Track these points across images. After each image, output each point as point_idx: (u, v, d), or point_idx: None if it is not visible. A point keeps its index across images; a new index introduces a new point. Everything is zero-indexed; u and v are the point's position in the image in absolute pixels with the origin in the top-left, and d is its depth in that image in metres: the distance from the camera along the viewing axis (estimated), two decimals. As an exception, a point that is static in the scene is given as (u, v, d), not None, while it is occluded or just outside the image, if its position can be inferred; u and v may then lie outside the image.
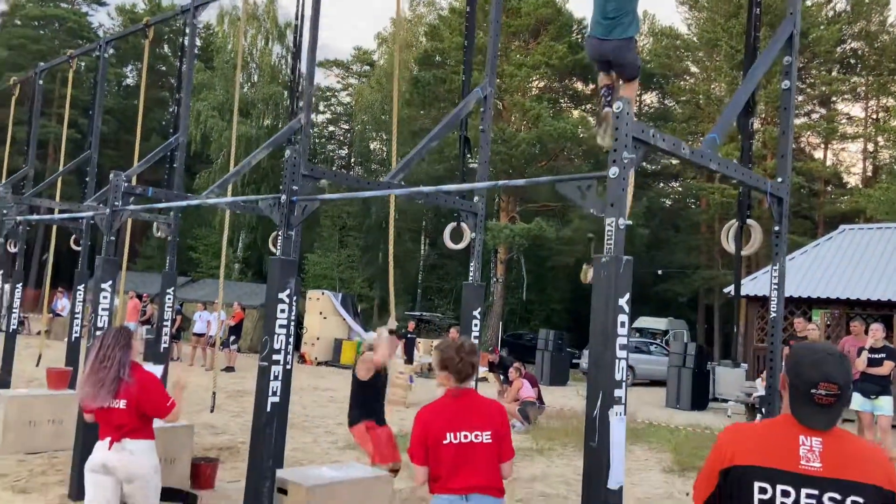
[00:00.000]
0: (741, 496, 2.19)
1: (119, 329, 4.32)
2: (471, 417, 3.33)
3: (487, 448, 3.30)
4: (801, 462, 2.14)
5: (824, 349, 2.25)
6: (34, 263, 37.06)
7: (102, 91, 10.62)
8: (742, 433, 2.30)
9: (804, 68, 35.21)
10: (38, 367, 12.24)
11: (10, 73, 24.05)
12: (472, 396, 3.43)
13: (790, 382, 2.25)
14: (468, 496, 3.25)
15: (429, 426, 3.33)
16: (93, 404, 4.11)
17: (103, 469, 4.10)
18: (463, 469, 3.25)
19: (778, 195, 4.51)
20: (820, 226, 35.01)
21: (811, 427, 2.18)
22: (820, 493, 2.10)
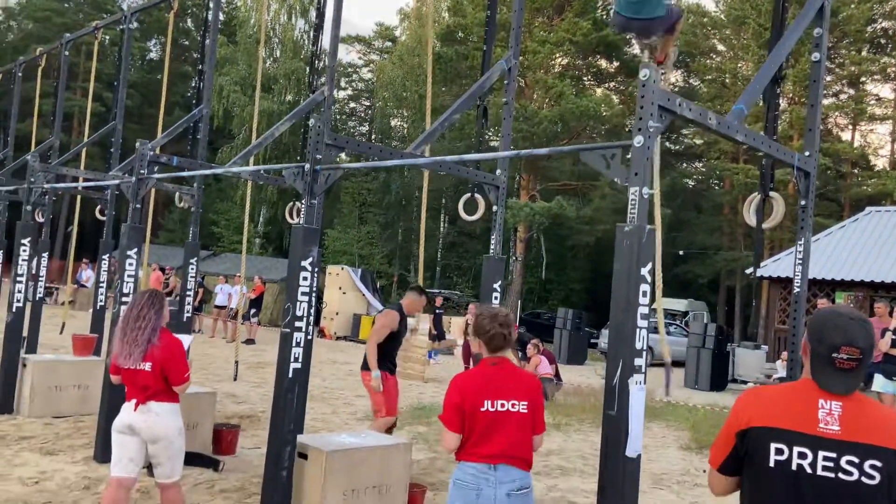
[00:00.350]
0: (757, 457, 2.18)
1: (153, 293, 4.44)
2: (509, 386, 3.28)
3: (523, 418, 3.25)
4: (819, 425, 2.13)
5: (847, 313, 2.23)
6: (59, 235, 37.56)
7: (127, 63, 10.68)
8: (761, 396, 2.29)
9: (833, 47, 34.54)
10: (62, 335, 12.46)
11: (36, 46, 24.24)
12: (509, 366, 3.37)
13: (811, 347, 2.23)
14: (496, 466, 3.18)
15: (467, 392, 3.27)
16: (124, 363, 4.21)
17: (129, 430, 4.22)
18: (495, 436, 3.21)
19: (805, 169, 4.46)
20: (846, 208, 34.53)
21: (831, 391, 2.16)
22: (838, 456, 2.09)
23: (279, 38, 38.78)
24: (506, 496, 3.15)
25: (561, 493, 6.60)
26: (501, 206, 6.01)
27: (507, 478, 3.18)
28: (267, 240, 37.61)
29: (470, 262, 36.16)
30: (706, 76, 38.63)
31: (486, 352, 3.40)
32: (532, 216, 28.69)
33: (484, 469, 3.18)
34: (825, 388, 2.17)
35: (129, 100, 20.94)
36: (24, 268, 8.17)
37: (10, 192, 11.53)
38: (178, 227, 38.46)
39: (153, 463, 4.30)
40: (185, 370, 4.30)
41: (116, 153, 10.61)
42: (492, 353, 3.37)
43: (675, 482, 7.43)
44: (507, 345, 3.40)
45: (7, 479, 5.55)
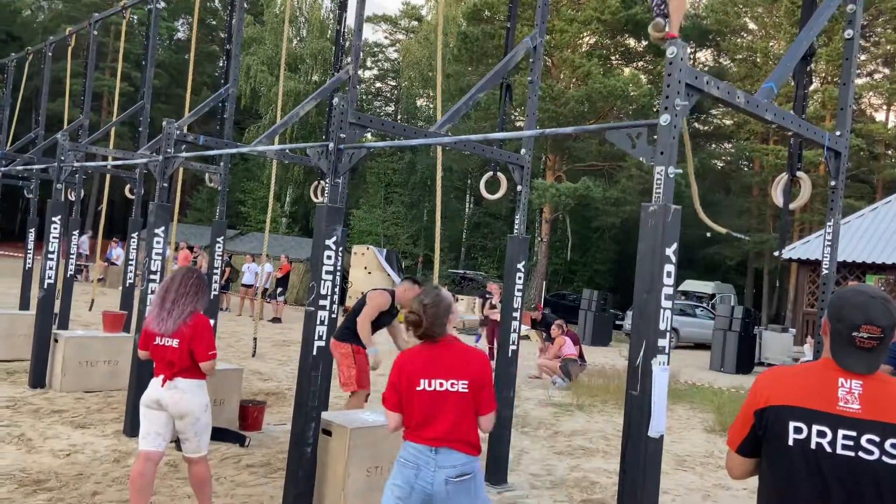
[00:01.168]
0: (776, 436, 2.15)
1: (200, 276, 4.52)
2: (447, 364, 3.11)
3: (462, 398, 3.07)
4: (839, 403, 2.09)
5: (868, 292, 2.19)
6: (90, 213, 38.11)
7: (154, 42, 10.75)
8: (779, 375, 2.25)
9: (868, 25, 33.72)
10: (91, 312, 12.70)
11: (65, 25, 24.47)
12: (451, 344, 3.19)
13: (832, 326, 2.20)
14: (437, 448, 3.03)
15: (403, 371, 3.14)
16: (156, 328, 4.31)
17: (157, 404, 4.30)
18: (436, 418, 3.05)
19: (836, 149, 4.38)
20: (879, 190, 33.87)
21: (852, 371, 2.13)
22: (858, 435, 2.06)
23: (306, 17, 38.78)
24: (443, 482, 3.00)
25: (583, 472, 6.62)
26: (526, 186, 5.99)
27: (447, 462, 3.03)
28: (293, 219, 37.86)
29: (495, 242, 36.12)
30: (737, 55, 37.95)
31: (414, 337, 3.25)
32: (558, 197, 28.51)
33: (425, 451, 3.04)
34: (846, 367, 2.13)
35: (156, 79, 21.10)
36: (55, 245, 8.31)
37: (42, 171, 11.71)
38: (207, 206, 38.83)
39: (181, 438, 4.39)
40: (211, 347, 4.37)
41: (145, 132, 10.72)
42: (420, 340, 3.22)
43: (698, 464, 7.41)
44: (429, 332, 3.18)
45: (40, 451, 5.69)
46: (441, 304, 3.21)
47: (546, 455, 7.16)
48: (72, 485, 5.02)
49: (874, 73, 36.52)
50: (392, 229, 35.38)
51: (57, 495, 4.82)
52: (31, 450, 5.71)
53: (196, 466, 4.39)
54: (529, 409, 9.47)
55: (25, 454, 5.60)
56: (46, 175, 11.93)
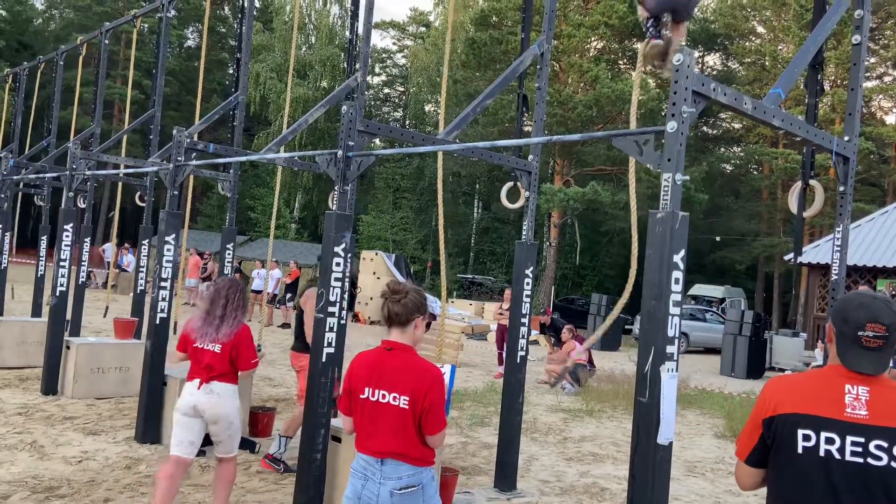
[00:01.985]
0: (784, 444, 2.16)
1: (243, 286, 4.68)
2: (393, 376, 2.92)
3: (403, 414, 2.88)
4: (846, 410, 2.10)
5: (870, 294, 2.22)
6: (101, 221, 38.34)
7: (165, 50, 10.83)
8: (787, 383, 2.27)
9: (877, 28, 33.59)
10: (104, 319, 12.78)
11: (76, 35, 24.66)
12: (405, 355, 2.97)
13: (837, 328, 2.21)
14: (384, 460, 2.90)
15: (352, 375, 3.01)
16: (198, 342, 4.44)
17: (193, 411, 4.40)
18: (378, 429, 2.92)
19: (844, 154, 4.37)
20: (889, 194, 33.69)
21: (860, 371, 2.14)
22: (866, 441, 2.07)
23: (314, 24, 38.95)
24: (388, 494, 2.87)
25: (593, 478, 6.61)
26: (534, 192, 6.00)
27: (393, 474, 2.89)
28: (302, 225, 37.98)
29: (504, 247, 36.14)
30: (745, 59, 37.89)
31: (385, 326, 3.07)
32: (566, 201, 28.47)
33: (372, 462, 2.92)
34: (854, 368, 2.14)
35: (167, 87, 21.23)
36: (66, 253, 8.37)
37: (53, 179, 11.80)
38: (217, 212, 39.01)
39: (214, 441, 4.50)
40: (253, 356, 4.53)
41: (155, 140, 10.80)
42: (388, 328, 3.04)
43: (708, 470, 7.39)
44: (395, 321, 2.99)
45: (52, 458, 5.73)
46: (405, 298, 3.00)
47: (555, 461, 7.16)
48: (84, 491, 5.05)
49: (884, 75, 36.38)
50: (401, 234, 35.44)
51: (69, 502, 4.85)
52: (43, 456, 5.75)
53: (227, 465, 4.53)
54: (539, 414, 9.46)
55: (38, 461, 5.64)
56: (58, 183, 12.02)
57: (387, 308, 3.01)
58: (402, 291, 3.02)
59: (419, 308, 3.02)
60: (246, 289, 4.77)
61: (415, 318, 3.01)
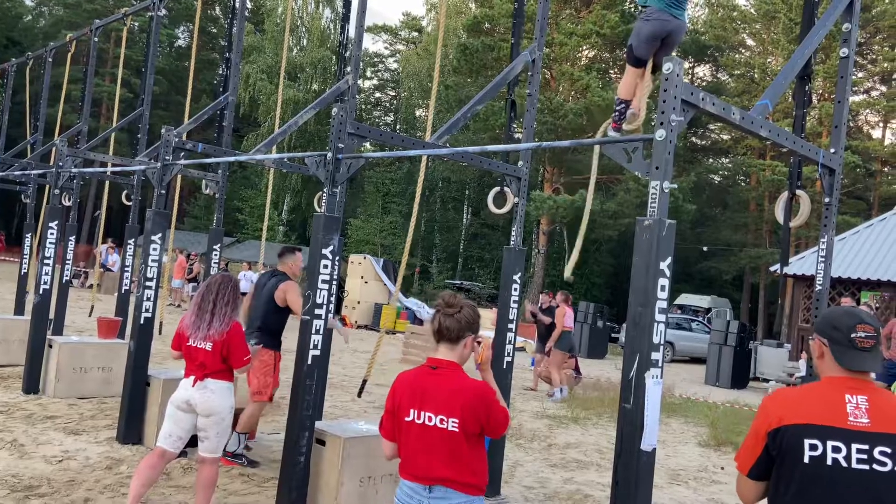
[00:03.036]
0: (791, 455, 2.20)
1: (236, 282, 4.63)
2: (438, 396, 2.74)
3: (453, 437, 2.70)
4: (849, 418, 2.17)
5: (850, 305, 2.40)
6: (86, 219, 38.09)
7: (155, 49, 10.79)
8: (789, 396, 2.33)
9: (865, 43, 33.96)
10: (88, 318, 12.68)
11: (66, 32, 24.53)
12: (452, 374, 2.79)
13: (829, 337, 2.30)
14: (431, 487, 2.73)
15: (396, 396, 2.85)
16: (193, 339, 4.44)
17: (187, 405, 4.41)
18: (425, 454, 2.74)
19: (830, 166, 4.41)
20: (875, 207, 34.00)
21: (864, 369, 2.24)
22: (871, 448, 2.13)
23: (306, 26, 38.93)
24: None
25: (577, 485, 6.61)
26: (523, 198, 6.02)
27: (443, 502, 2.73)
28: (290, 227, 37.89)
29: (492, 253, 36.18)
30: (735, 71, 38.19)
31: (433, 343, 2.91)
32: (555, 209, 28.58)
33: (419, 489, 2.75)
34: (857, 368, 2.24)
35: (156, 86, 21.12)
36: (51, 251, 8.31)
37: (39, 176, 11.72)
38: (204, 213, 38.87)
39: (200, 437, 4.47)
40: (245, 353, 4.52)
41: (143, 139, 10.74)
42: (437, 344, 2.87)
43: (692, 478, 7.41)
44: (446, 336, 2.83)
45: (32, 458, 5.67)
46: (459, 313, 2.84)
47: (540, 467, 7.16)
48: (63, 491, 5.00)
49: (871, 90, 36.77)
50: (389, 239, 35.43)
51: (48, 501, 4.80)
52: (23, 455, 5.69)
53: (209, 467, 4.48)
54: (524, 420, 9.46)
55: (17, 460, 5.58)
56: (44, 180, 11.94)
57: (438, 321, 2.82)
58: (457, 305, 2.84)
59: (472, 325, 2.85)
60: (239, 283, 4.74)
61: (466, 335, 2.84)
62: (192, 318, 4.47)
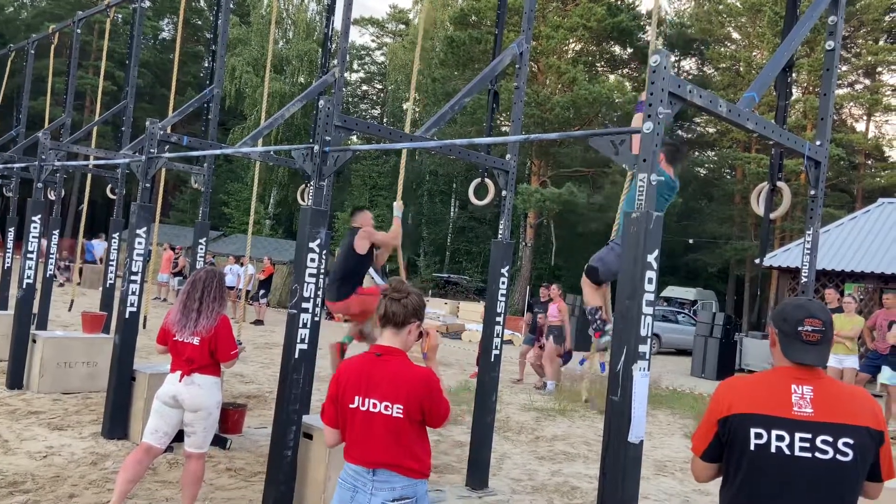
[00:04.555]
0: (738, 442, 2.31)
1: (222, 277, 4.59)
2: (383, 383, 2.78)
3: (396, 423, 2.74)
4: (793, 408, 2.27)
5: (805, 297, 2.48)
6: (70, 213, 37.75)
7: (139, 42, 10.68)
8: (738, 385, 2.44)
9: (850, 37, 34.15)
10: (71, 313, 12.57)
11: (48, 24, 24.24)
12: (397, 360, 2.83)
13: (778, 329, 2.40)
14: (375, 470, 2.77)
15: (340, 383, 2.86)
16: (179, 335, 4.41)
17: (173, 401, 4.38)
18: (370, 440, 2.78)
19: (816, 158, 4.42)
20: (858, 200, 34.28)
21: (805, 363, 2.32)
22: (813, 437, 2.23)
23: (292, 19, 38.70)
24: None
25: (564, 477, 6.63)
26: (510, 192, 6.01)
27: (386, 485, 2.76)
28: (277, 221, 37.74)
29: (480, 247, 36.20)
30: (720, 64, 38.31)
31: (378, 328, 2.93)
32: (542, 202, 28.62)
33: (363, 472, 2.79)
34: (799, 360, 2.33)
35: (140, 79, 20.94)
36: (34, 245, 8.22)
37: (22, 170, 11.59)
38: (189, 207, 38.62)
39: (187, 432, 4.44)
40: (232, 347, 4.49)
41: (128, 132, 10.63)
42: (382, 329, 2.90)
43: (678, 469, 7.45)
44: (392, 320, 2.86)
45: (16, 453, 5.62)
46: (406, 299, 2.88)
47: (527, 460, 7.18)
48: (48, 487, 4.96)
49: (855, 83, 37.01)
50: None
51: (33, 497, 4.76)
52: (7, 451, 5.64)
53: (195, 462, 4.45)
54: (511, 413, 9.49)
55: (1, 456, 5.52)
56: (27, 174, 11.80)
57: (384, 306, 2.88)
58: (405, 291, 2.89)
59: (417, 312, 2.90)
60: (224, 277, 4.71)
61: (411, 321, 2.88)
62: (178, 315, 4.43)
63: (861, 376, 10.55)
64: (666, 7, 43.20)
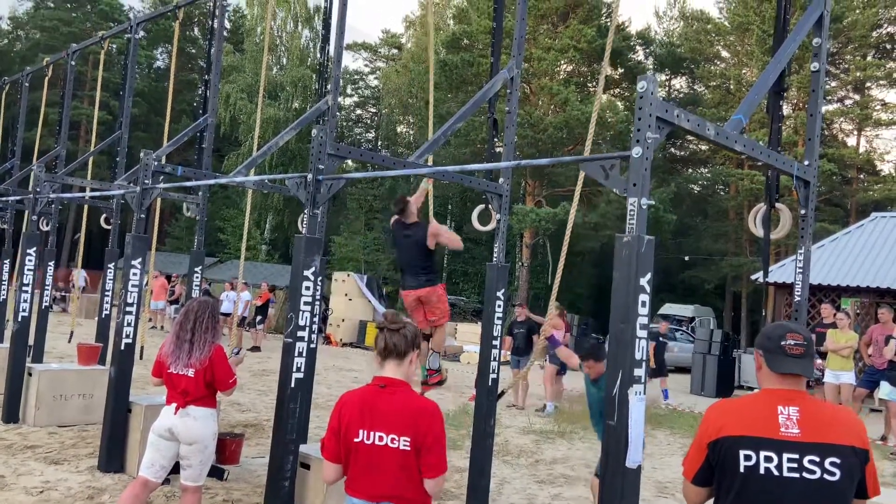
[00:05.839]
0: (728, 464, 2.36)
1: (214, 307, 4.57)
2: (389, 416, 2.75)
3: (404, 456, 2.72)
4: (780, 429, 2.32)
5: (785, 321, 2.64)
6: (66, 243, 37.70)
7: (133, 72, 10.75)
8: (727, 408, 2.49)
9: (838, 53, 34.48)
10: (70, 344, 12.53)
11: (43, 55, 24.39)
12: (401, 391, 2.81)
13: (763, 349, 2.48)
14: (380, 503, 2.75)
15: (343, 417, 2.82)
16: (173, 368, 4.39)
17: (169, 433, 4.36)
18: (375, 474, 2.74)
19: (805, 178, 4.46)
20: (852, 214, 34.40)
21: (791, 372, 2.39)
22: (800, 457, 2.28)
23: (286, 45, 38.97)
24: None
25: (565, 501, 6.59)
26: (505, 215, 6.03)
27: None
28: (273, 247, 37.70)
29: (476, 267, 36.19)
30: (710, 82, 38.63)
31: (376, 364, 2.92)
32: (538, 222, 28.68)
33: None
34: (785, 370, 2.40)
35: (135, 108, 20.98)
36: (29, 277, 8.21)
37: (18, 202, 11.61)
38: (185, 234, 38.59)
39: (183, 465, 4.41)
40: (230, 375, 4.48)
41: (122, 162, 10.68)
42: (382, 362, 2.89)
43: (679, 490, 7.41)
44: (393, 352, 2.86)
45: (12, 489, 5.57)
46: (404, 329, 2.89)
47: (527, 484, 7.14)
48: (44, 523, 4.92)
49: (845, 98, 37.29)
50: (373, 255, 35.34)
51: (29, 534, 4.72)
52: (3, 487, 5.59)
53: (192, 495, 4.43)
54: (510, 436, 9.44)
55: (-3, 492, 5.49)
56: (22, 206, 11.83)
57: (384, 339, 2.86)
58: (401, 322, 2.90)
59: (415, 342, 2.90)
60: (218, 307, 4.69)
61: (412, 351, 2.88)
62: (171, 347, 4.43)
63: (858, 392, 10.54)
64: (655, 27, 43.69)
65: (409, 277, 6.12)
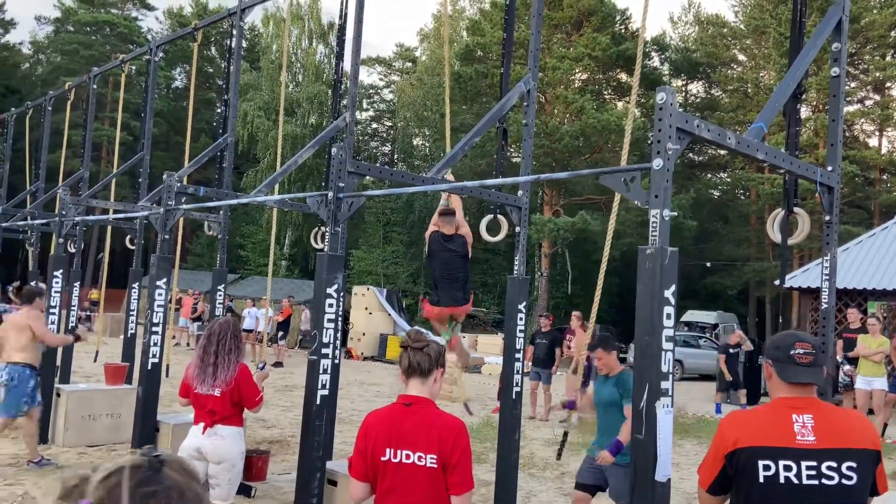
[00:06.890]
0: (747, 475, 2.37)
1: (237, 328, 4.62)
2: (415, 434, 2.74)
3: (431, 474, 2.70)
4: (797, 438, 2.35)
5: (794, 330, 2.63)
6: (90, 263, 38.18)
7: (153, 94, 10.90)
8: (742, 418, 2.54)
9: (856, 54, 34.18)
10: (96, 364, 12.66)
11: (64, 78, 24.79)
12: (427, 409, 2.81)
13: (773, 358, 2.51)
14: None
15: (370, 436, 2.81)
16: (197, 388, 4.43)
17: (197, 453, 4.39)
18: (403, 493, 2.74)
19: (828, 184, 4.42)
20: (875, 215, 33.99)
21: (802, 381, 2.43)
22: (818, 464, 2.31)
23: (301, 62, 39.32)
24: None
25: (592, 514, 6.53)
26: (524, 227, 6.03)
27: None
28: (293, 262, 37.92)
29: (495, 278, 36.14)
30: (728, 86, 38.44)
31: (401, 382, 2.93)
32: (556, 231, 28.63)
33: None
34: (796, 380, 2.43)
35: (155, 128, 21.25)
36: (56, 299, 8.32)
37: (43, 225, 11.79)
38: (206, 251, 38.93)
39: (211, 483, 4.44)
40: (256, 393, 4.52)
41: (145, 183, 10.81)
42: (406, 381, 2.89)
43: (708, 501, 7.33)
44: (418, 371, 2.86)
45: (43, 510, 5.64)
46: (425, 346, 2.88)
47: (554, 497, 7.10)
48: (76, 544, 4.96)
49: (865, 99, 36.94)
50: (392, 268, 35.42)
51: (61, 555, 4.76)
52: (34, 508, 5.66)
53: None
54: (535, 449, 9.40)
55: (29, 513, 5.55)
56: (47, 228, 12.01)
57: (408, 358, 2.87)
58: (425, 340, 2.90)
59: (439, 359, 2.91)
60: (239, 326, 4.74)
61: (436, 370, 2.89)
62: (196, 369, 4.47)
63: (890, 397, 10.39)
64: (670, 33, 43.55)
65: (446, 292, 5.88)
